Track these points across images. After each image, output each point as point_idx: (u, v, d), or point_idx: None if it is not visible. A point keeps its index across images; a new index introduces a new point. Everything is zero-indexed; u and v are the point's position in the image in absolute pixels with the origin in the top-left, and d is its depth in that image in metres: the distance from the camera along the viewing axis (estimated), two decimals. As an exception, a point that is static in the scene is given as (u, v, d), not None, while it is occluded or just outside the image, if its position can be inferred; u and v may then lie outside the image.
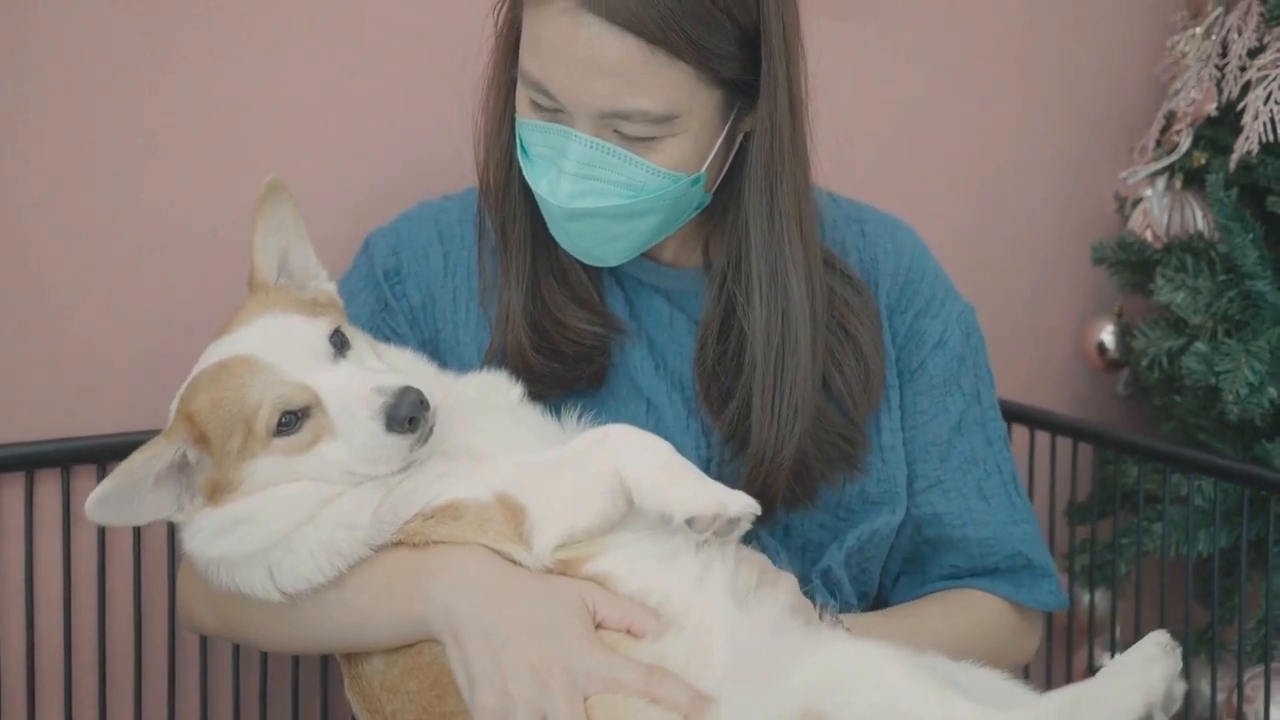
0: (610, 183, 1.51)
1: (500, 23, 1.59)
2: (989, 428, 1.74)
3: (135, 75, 1.83)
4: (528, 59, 1.51)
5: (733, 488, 1.58)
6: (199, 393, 1.40)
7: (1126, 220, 2.49)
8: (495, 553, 1.39)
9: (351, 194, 1.95)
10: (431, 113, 1.98)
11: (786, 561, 1.62)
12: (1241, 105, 2.25)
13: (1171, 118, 2.43)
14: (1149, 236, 2.42)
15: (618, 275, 1.69)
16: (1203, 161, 2.37)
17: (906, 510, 1.70)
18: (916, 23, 2.40)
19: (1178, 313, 2.28)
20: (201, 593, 1.54)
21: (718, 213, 1.63)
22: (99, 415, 1.84)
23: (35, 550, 1.81)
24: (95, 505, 1.35)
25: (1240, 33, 2.30)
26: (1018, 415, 2.30)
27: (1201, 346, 2.22)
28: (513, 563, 1.39)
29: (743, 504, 1.36)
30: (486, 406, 1.53)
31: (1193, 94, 2.36)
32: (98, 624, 1.84)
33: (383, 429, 1.37)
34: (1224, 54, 2.33)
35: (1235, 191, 2.27)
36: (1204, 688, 2.28)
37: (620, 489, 1.39)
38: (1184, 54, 2.40)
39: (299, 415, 1.38)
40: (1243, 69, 2.29)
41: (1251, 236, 2.23)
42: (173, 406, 1.44)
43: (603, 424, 1.48)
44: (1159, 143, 2.46)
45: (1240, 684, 2.11)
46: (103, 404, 1.84)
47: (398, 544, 1.41)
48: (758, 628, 1.38)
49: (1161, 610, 2.19)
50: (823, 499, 1.66)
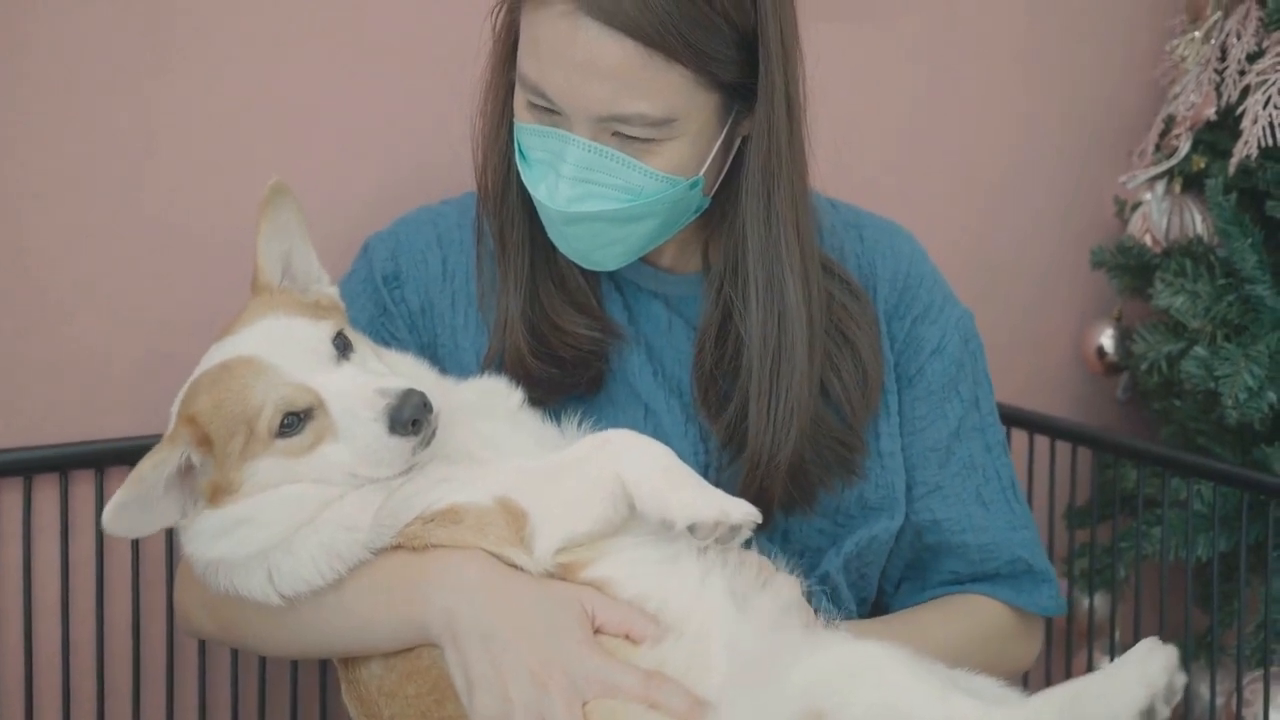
0: (608, 186, 1.51)
1: (498, 26, 1.59)
2: (988, 433, 1.74)
3: (135, 78, 1.83)
4: (526, 62, 1.51)
5: (731, 493, 1.59)
6: (201, 394, 1.40)
7: (1126, 224, 2.49)
8: (495, 557, 1.39)
9: (351, 197, 1.95)
10: (431, 116, 1.98)
11: (785, 567, 1.62)
12: (1241, 109, 2.25)
13: (1171, 122, 2.44)
14: (1148, 241, 2.42)
15: (616, 280, 1.68)
16: (1202, 166, 2.38)
17: (906, 516, 1.70)
18: (915, 26, 2.40)
19: (1177, 317, 2.28)
20: (200, 596, 1.54)
21: (716, 217, 1.62)
22: (98, 419, 1.84)
23: (33, 555, 1.80)
24: (112, 517, 1.35)
25: (1239, 37, 2.30)
26: (1017, 419, 2.30)
27: (1201, 351, 2.22)
28: (513, 567, 1.39)
29: (744, 512, 1.36)
30: (487, 412, 1.53)
31: (1192, 98, 2.37)
32: (96, 629, 1.84)
33: (385, 431, 1.37)
34: (1223, 58, 2.34)
35: (1234, 196, 2.27)
36: (1203, 692, 2.28)
37: (621, 494, 1.38)
38: (1183, 58, 2.40)
39: (301, 417, 1.38)
40: (1242, 73, 2.29)
41: (1251, 241, 2.22)
42: (174, 408, 1.44)
43: (602, 429, 1.48)
44: (1158, 147, 2.46)
45: (1239, 688, 2.11)
46: (102, 408, 1.84)
47: (397, 547, 1.41)
48: (757, 630, 1.38)
49: (1161, 614, 2.19)
50: (821, 504, 1.65)
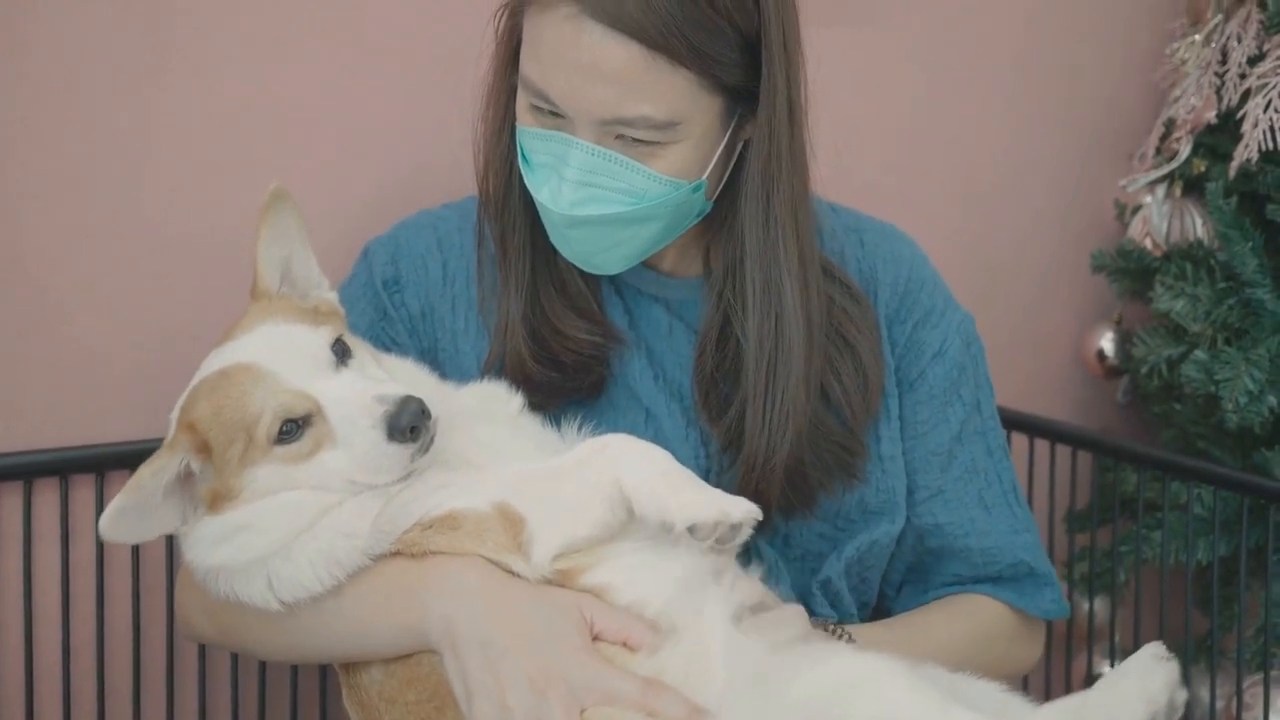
0: (612, 190, 1.51)
1: (500, 30, 1.59)
2: (989, 437, 1.74)
3: (135, 79, 1.83)
4: (529, 65, 1.51)
5: (736, 483, 1.59)
6: (200, 401, 1.40)
7: (1126, 228, 2.49)
8: (494, 564, 1.39)
9: (351, 201, 1.95)
10: (431, 119, 1.98)
11: (786, 572, 1.62)
12: (1241, 113, 2.25)
13: (1171, 125, 2.43)
14: (1149, 244, 2.42)
15: (617, 284, 1.68)
16: (1202, 169, 2.38)
17: (908, 520, 1.70)
18: (915, 29, 2.40)
19: (1177, 320, 2.28)
20: (200, 601, 1.54)
21: (717, 221, 1.62)
22: (98, 424, 1.83)
23: (34, 559, 1.80)
24: (109, 524, 1.35)
25: (1240, 40, 2.30)
26: (1017, 423, 2.30)
27: (1201, 354, 2.22)
28: (511, 574, 1.39)
29: (744, 510, 1.35)
30: (486, 417, 1.53)
31: (1192, 101, 2.37)
32: (96, 633, 1.84)
33: (384, 438, 1.37)
34: (1224, 61, 2.33)
35: (1235, 199, 2.27)
36: (1203, 695, 2.28)
37: (620, 498, 1.38)
38: (1184, 61, 2.40)
39: (300, 424, 1.38)
40: (1242, 76, 2.29)
41: (1251, 244, 2.22)
42: (174, 415, 1.44)
43: (603, 434, 1.48)
44: (1159, 150, 2.46)
45: (1239, 692, 2.11)
46: (102, 412, 1.84)
47: (396, 554, 1.41)
48: (757, 640, 1.38)
49: (1161, 618, 2.19)
50: (822, 508, 1.65)
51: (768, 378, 1.58)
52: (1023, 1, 2.50)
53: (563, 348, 1.62)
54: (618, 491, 1.38)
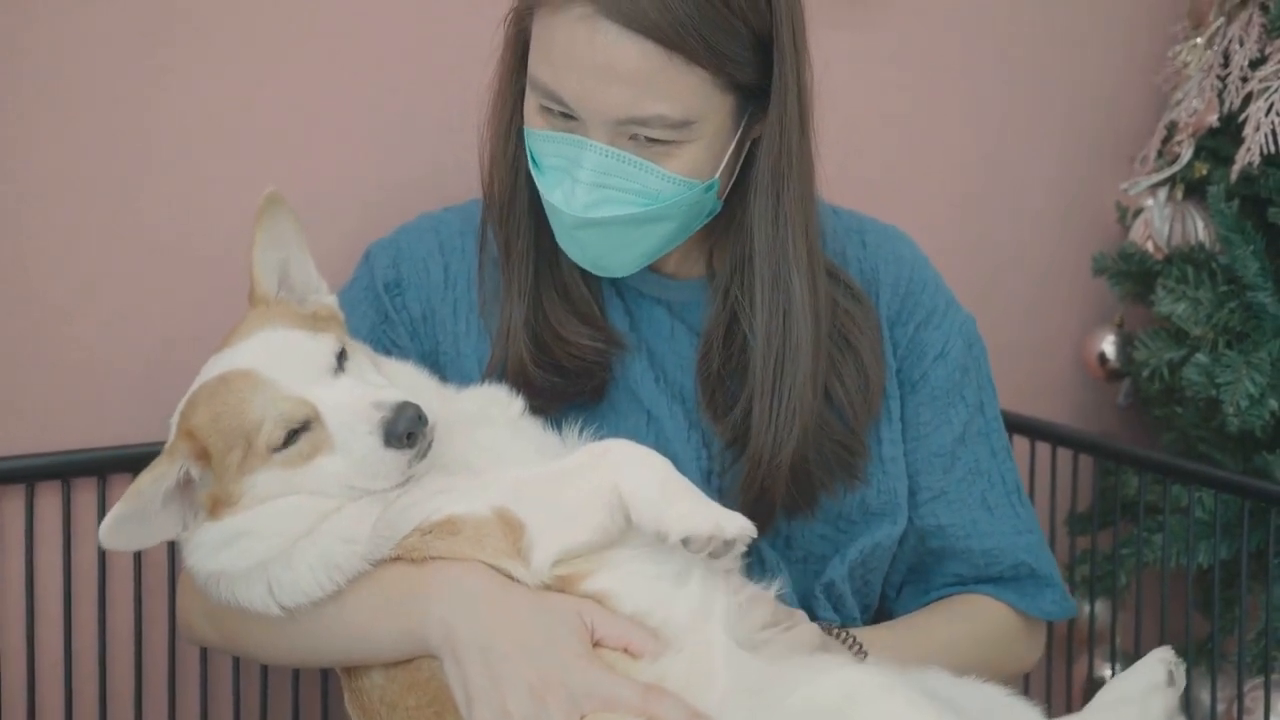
0: (625, 191, 1.51)
1: (507, 34, 1.59)
2: (992, 438, 1.74)
3: (134, 85, 1.83)
4: (540, 67, 1.50)
5: (735, 492, 1.59)
6: (199, 407, 1.41)
7: (1127, 230, 2.48)
8: (493, 569, 1.39)
9: (352, 205, 1.95)
10: (433, 124, 1.98)
11: (788, 575, 1.62)
12: (1243, 116, 2.25)
13: (1173, 128, 2.43)
14: (1150, 247, 2.42)
15: (618, 287, 1.68)
16: (1204, 172, 2.37)
17: (909, 521, 1.70)
18: (916, 31, 2.40)
19: (1179, 324, 2.28)
20: (201, 606, 1.54)
21: (723, 221, 1.63)
22: (100, 427, 1.83)
23: (35, 563, 1.80)
24: (109, 532, 1.35)
25: (1242, 43, 2.30)
26: (1019, 426, 2.30)
27: (1202, 358, 2.22)
28: (511, 579, 1.39)
29: (739, 526, 1.35)
30: (487, 421, 1.53)
31: (1194, 104, 2.36)
32: (98, 637, 1.84)
33: (381, 444, 1.37)
34: (1225, 64, 2.33)
35: (1236, 203, 2.27)
36: (1204, 699, 2.28)
37: (619, 505, 1.38)
38: (1185, 64, 2.39)
39: (298, 429, 1.38)
40: (1244, 80, 2.29)
41: (1252, 248, 2.22)
42: (173, 421, 1.44)
43: (603, 437, 1.48)
44: (1160, 153, 2.46)
45: (1240, 695, 2.11)
46: (103, 415, 1.84)
47: (396, 559, 1.41)
48: (759, 647, 1.38)
49: (1162, 621, 2.19)
50: (823, 509, 1.65)
51: (775, 374, 1.58)
52: (1024, 4, 2.50)
53: (565, 353, 1.62)
54: (617, 498, 1.38)
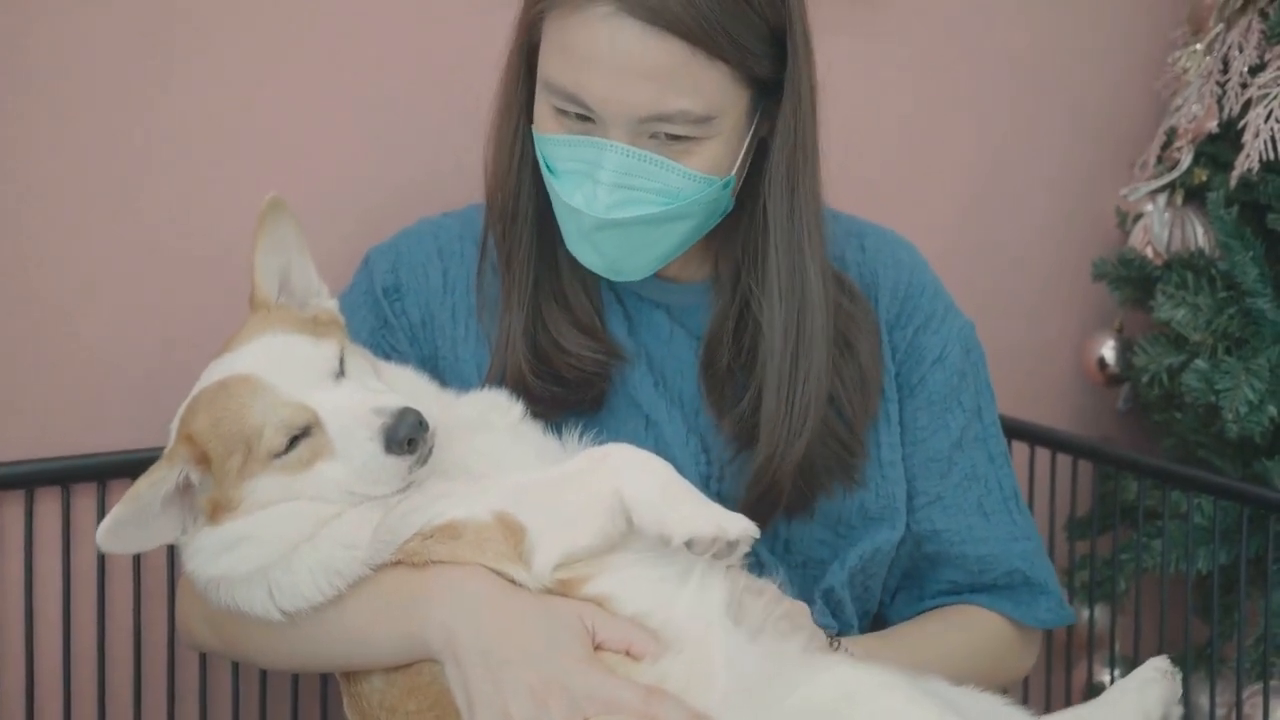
0: (647, 190, 1.51)
1: (515, 40, 1.58)
2: (990, 444, 1.74)
3: (135, 88, 1.83)
4: (556, 70, 1.50)
5: (734, 497, 1.58)
6: (199, 412, 1.41)
7: (1127, 236, 2.49)
8: (495, 573, 1.39)
9: (352, 210, 1.95)
10: (432, 129, 1.98)
11: (786, 579, 1.62)
12: (1242, 122, 2.25)
13: (1173, 134, 2.43)
14: (1149, 253, 2.42)
15: (618, 292, 1.68)
16: (1203, 178, 2.38)
17: (906, 526, 1.70)
18: (917, 36, 2.40)
19: (1178, 329, 2.28)
20: (201, 611, 1.54)
21: (728, 220, 1.62)
22: (100, 432, 1.83)
23: (35, 568, 1.80)
24: (106, 535, 1.35)
25: (1241, 50, 2.30)
26: (1017, 431, 2.30)
27: (1201, 364, 2.22)
28: (512, 583, 1.39)
29: (741, 527, 1.35)
30: (487, 426, 1.53)
31: (1194, 110, 2.37)
32: (97, 642, 1.84)
33: (381, 450, 1.37)
34: (1225, 71, 2.33)
35: (1236, 209, 2.27)
36: (1203, 704, 2.28)
37: (620, 509, 1.38)
38: (1185, 70, 2.40)
39: (298, 434, 1.38)
40: (1244, 86, 2.29)
41: (1252, 254, 2.22)
42: (173, 426, 1.44)
43: (603, 442, 1.48)
44: (1160, 159, 2.46)
45: (1239, 701, 2.11)
46: (104, 421, 1.84)
47: (397, 563, 1.41)
48: (758, 648, 1.38)
49: (1161, 626, 2.19)
50: (821, 512, 1.65)
51: (792, 365, 1.58)
52: (1024, 9, 2.51)
53: (564, 363, 1.62)
54: (618, 502, 1.38)
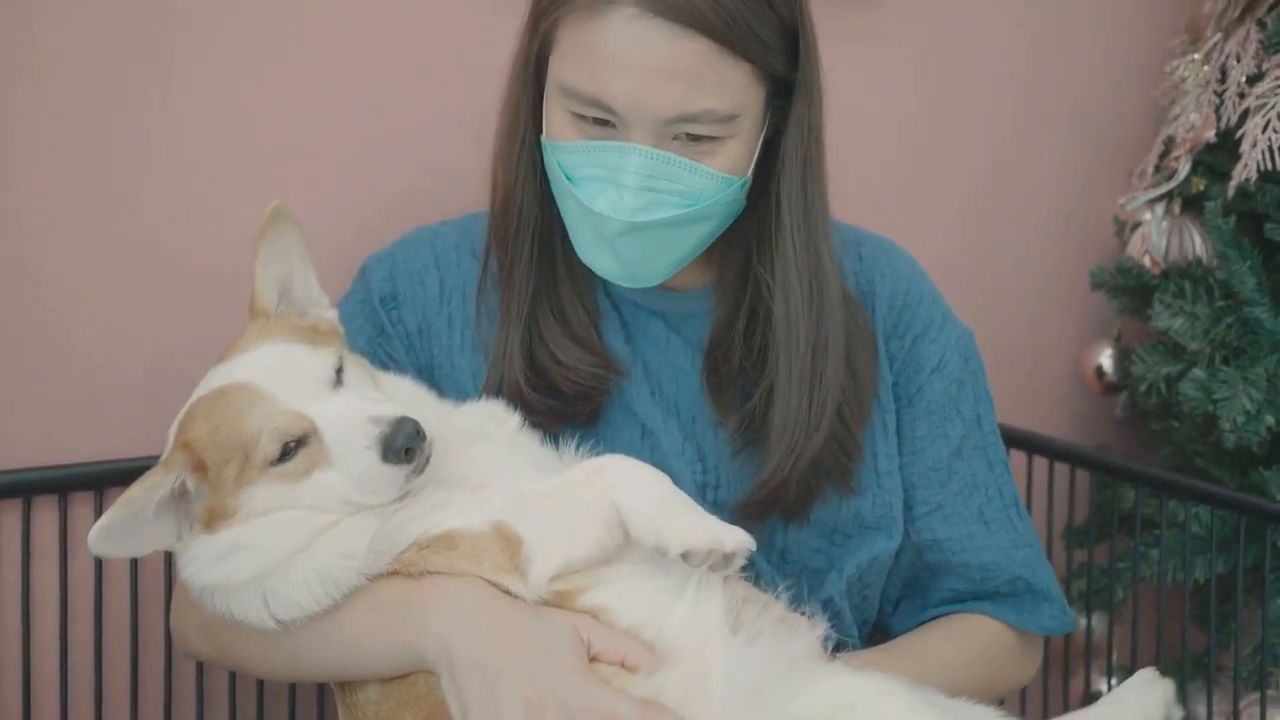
0: (670, 193, 1.51)
1: (523, 49, 1.58)
2: (989, 452, 1.74)
3: (135, 95, 1.83)
4: (576, 76, 1.49)
5: (731, 505, 1.58)
6: (197, 420, 1.41)
7: (1125, 245, 2.49)
8: (491, 584, 1.39)
9: (350, 218, 1.95)
10: (431, 138, 1.98)
11: (782, 588, 1.62)
12: (1240, 132, 2.25)
13: (1170, 143, 2.44)
14: (1147, 262, 2.42)
15: (615, 300, 1.68)
16: (1201, 187, 2.38)
17: (906, 535, 1.70)
18: (916, 43, 2.40)
19: (1176, 338, 2.28)
20: (197, 619, 1.54)
21: (735, 222, 1.62)
22: (97, 441, 1.83)
23: (32, 577, 1.80)
24: (98, 538, 1.35)
25: (1239, 59, 2.31)
26: (1016, 440, 2.30)
27: (1199, 373, 2.22)
28: (508, 594, 1.39)
29: (738, 539, 1.35)
30: (484, 436, 1.53)
31: (1192, 119, 2.37)
32: (94, 651, 1.84)
33: (379, 459, 1.37)
34: (1223, 80, 2.34)
35: (1233, 218, 2.27)
36: (1200, 713, 2.27)
37: (617, 520, 1.38)
38: (1183, 79, 2.40)
39: (296, 443, 1.38)
40: (1241, 96, 2.29)
41: (1249, 263, 2.22)
42: (171, 433, 1.44)
43: (599, 452, 1.48)
44: (1158, 168, 2.46)
45: (1236, 710, 2.11)
46: (101, 430, 1.84)
47: (393, 573, 1.41)
48: (756, 660, 1.38)
49: (1158, 635, 2.19)
50: (817, 520, 1.65)
51: (813, 362, 1.58)
52: (1023, 17, 2.51)
53: (561, 377, 1.61)
54: (615, 514, 1.38)
